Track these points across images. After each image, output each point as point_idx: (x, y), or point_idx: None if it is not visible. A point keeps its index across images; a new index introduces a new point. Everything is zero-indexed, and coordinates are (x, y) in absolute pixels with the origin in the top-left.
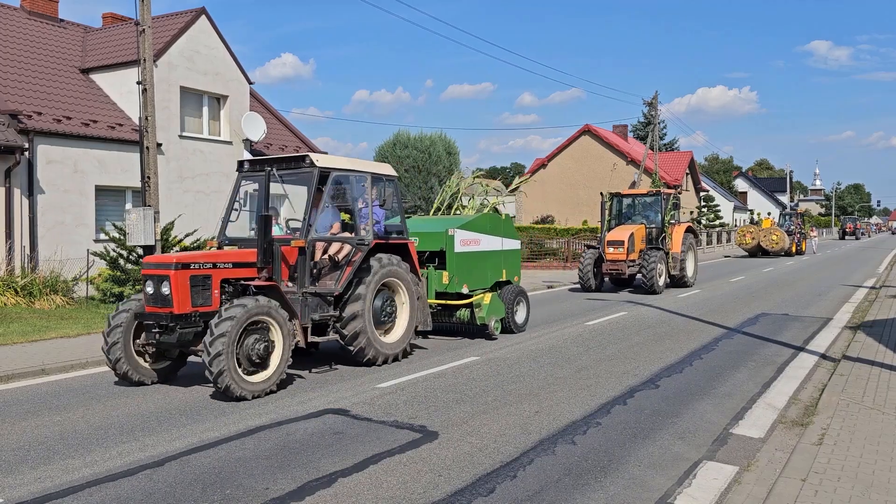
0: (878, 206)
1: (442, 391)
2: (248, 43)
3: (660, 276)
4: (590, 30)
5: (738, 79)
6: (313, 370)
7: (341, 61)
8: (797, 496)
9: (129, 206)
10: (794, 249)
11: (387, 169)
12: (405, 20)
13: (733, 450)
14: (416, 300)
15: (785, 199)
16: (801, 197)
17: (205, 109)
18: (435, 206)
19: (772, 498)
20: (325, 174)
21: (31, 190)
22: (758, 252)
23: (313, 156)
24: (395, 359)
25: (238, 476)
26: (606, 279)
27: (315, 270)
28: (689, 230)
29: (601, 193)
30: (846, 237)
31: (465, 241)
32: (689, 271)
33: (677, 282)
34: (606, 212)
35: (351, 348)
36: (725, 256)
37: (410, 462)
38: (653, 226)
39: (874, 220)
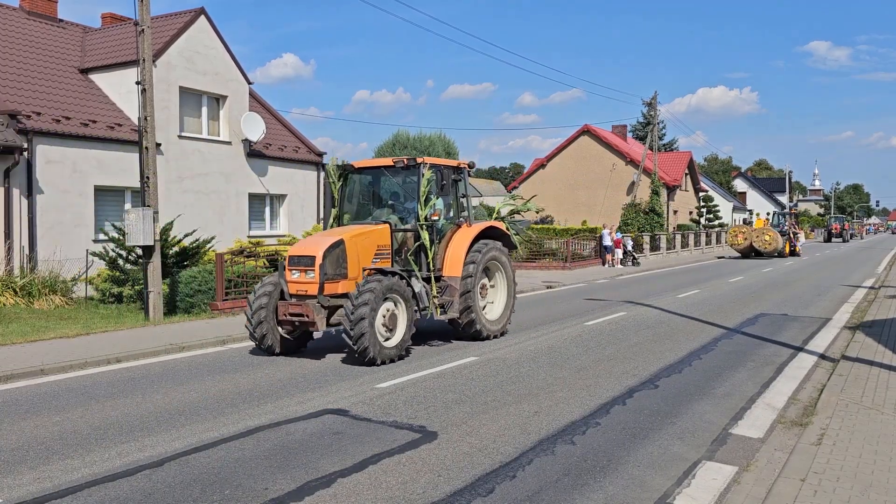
0: (878, 206)
1: (441, 391)
2: (248, 43)
3: (390, 330)
4: (590, 30)
5: (738, 79)
6: None
7: (342, 61)
8: (796, 496)
9: (128, 206)
10: (787, 250)
11: None
12: (405, 20)
13: (732, 450)
14: None
15: (784, 199)
16: (801, 197)
17: (204, 109)
18: None
19: (771, 498)
20: None
21: (30, 190)
22: (750, 253)
23: None
24: None
25: (237, 476)
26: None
27: None
28: (488, 233)
29: (323, 166)
30: (832, 239)
31: None
32: (493, 311)
33: (464, 332)
34: (336, 204)
35: None
36: (719, 258)
37: (410, 462)
38: (407, 227)
39: (873, 220)
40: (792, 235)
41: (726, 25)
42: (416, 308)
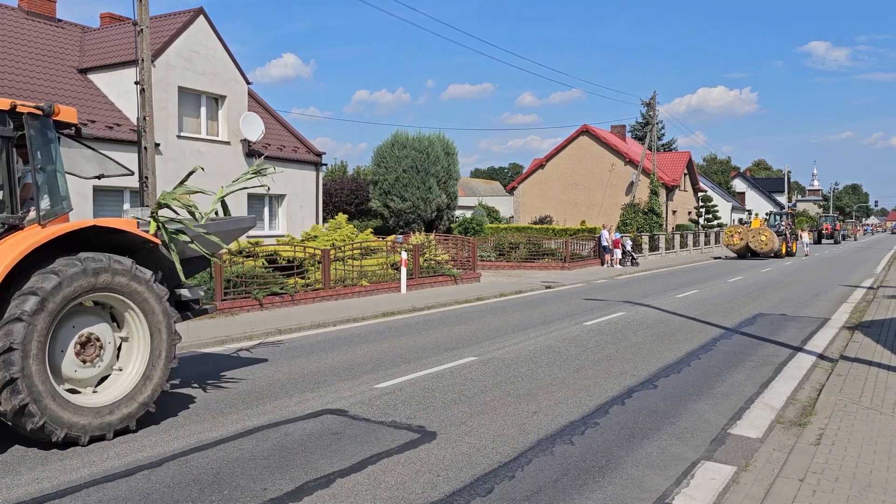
0: (876, 206)
1: (440, 391)
2: (248, 43)
3: None
4: (590, 30)
5: (738, 79)
6: None
7: (342, 61)
8: (795, 496)
9: (126, 206)
10: (784, 251)
11: None
12: (406, 21)
13: (731, 450)
14: None
15: (783, 199)
16: (799, 197)
17: (203, 109)
18: None
19: (770, 498)
20: None
21: None
22: (746, 253)
23: None
24: None
25: (236, 476)
26: None
27: None
28: (108, 240)
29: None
30: (823, 241)
31: None
32: (114, 388)
33: (15, 427)
34: None
35: None
36: (715, 258)
37: (409, 462)
38: None
39: (871, 220)
40: (788, 235)
41: (726, 25)
42: None
